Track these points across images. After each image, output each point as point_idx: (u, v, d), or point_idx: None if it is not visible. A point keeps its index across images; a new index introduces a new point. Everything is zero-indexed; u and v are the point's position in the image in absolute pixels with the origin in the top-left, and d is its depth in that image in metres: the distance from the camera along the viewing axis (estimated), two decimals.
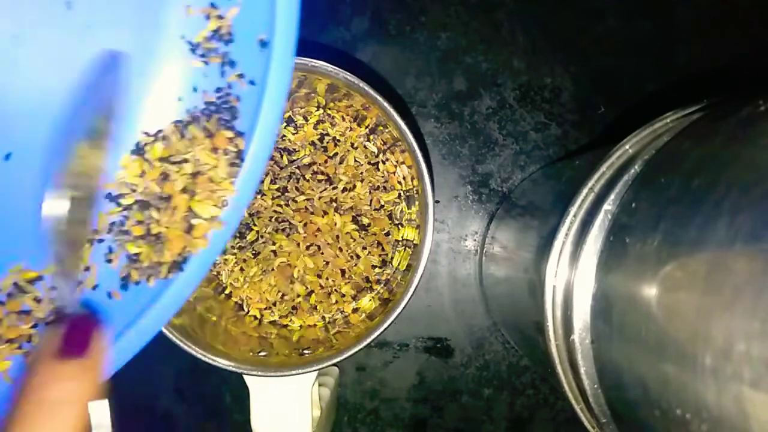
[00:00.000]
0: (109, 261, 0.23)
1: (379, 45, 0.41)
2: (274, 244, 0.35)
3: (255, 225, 0.35)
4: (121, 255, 0.23)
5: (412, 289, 0.29)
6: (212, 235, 0.22)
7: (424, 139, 0.41)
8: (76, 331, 0.18)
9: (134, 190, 0.23)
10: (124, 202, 0.23)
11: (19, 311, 0.21)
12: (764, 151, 0.16)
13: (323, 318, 0.36)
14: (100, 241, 0.23)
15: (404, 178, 0.36)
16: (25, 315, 0.21)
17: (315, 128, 0.36)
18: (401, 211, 0.36)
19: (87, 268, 0.22)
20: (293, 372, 0.29)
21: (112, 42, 0.22)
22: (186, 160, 0.22)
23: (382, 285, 0.36)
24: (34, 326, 0.21)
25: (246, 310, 0.36)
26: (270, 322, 0.36)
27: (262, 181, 0.35)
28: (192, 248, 0.22)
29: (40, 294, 0.22)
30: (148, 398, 0.42)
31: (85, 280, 0.22)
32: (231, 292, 0.36)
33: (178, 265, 0.22)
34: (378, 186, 0.36)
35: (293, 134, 0.36)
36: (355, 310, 0.36)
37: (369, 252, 0.36)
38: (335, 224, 0.35)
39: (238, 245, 0.35)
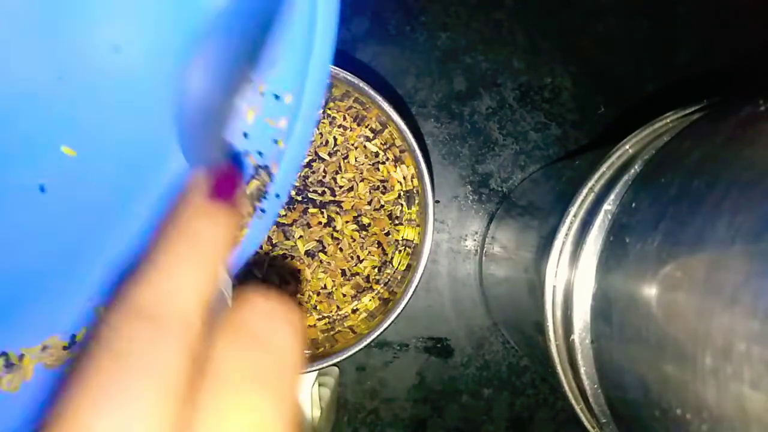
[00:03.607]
0: None
1: (379, 45, 0.41)
2: (274, 244, 0.35)
3: None
4: None
5: (412, 289, 0.29)
6: None
7: (424, 139, 0.41)
8: (223, 178, 0.16)
9: None
10: None
11: None
12: (764, 151, 0.16)
13: (323, 318, 0.36)
14: None
15: (404, 178, 0.36)
16: None
17: (315, 128, 0.36)
18: (401, 211, 0.36)
19: None
20: None
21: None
22: None
23: (382, 285, 0.36)
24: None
25: None
26: None
27: None
28: None
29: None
30: None
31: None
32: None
33: None
34: (378, 186, 0.36)
35: None
36: (355, 310, 0.36)
37: (369, 252, 0.36)
38: (335, 224, 0.35)
39: None
